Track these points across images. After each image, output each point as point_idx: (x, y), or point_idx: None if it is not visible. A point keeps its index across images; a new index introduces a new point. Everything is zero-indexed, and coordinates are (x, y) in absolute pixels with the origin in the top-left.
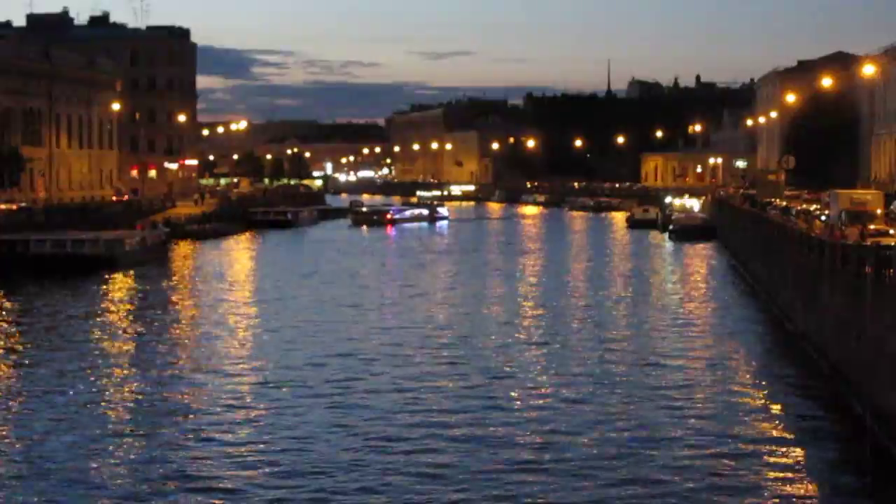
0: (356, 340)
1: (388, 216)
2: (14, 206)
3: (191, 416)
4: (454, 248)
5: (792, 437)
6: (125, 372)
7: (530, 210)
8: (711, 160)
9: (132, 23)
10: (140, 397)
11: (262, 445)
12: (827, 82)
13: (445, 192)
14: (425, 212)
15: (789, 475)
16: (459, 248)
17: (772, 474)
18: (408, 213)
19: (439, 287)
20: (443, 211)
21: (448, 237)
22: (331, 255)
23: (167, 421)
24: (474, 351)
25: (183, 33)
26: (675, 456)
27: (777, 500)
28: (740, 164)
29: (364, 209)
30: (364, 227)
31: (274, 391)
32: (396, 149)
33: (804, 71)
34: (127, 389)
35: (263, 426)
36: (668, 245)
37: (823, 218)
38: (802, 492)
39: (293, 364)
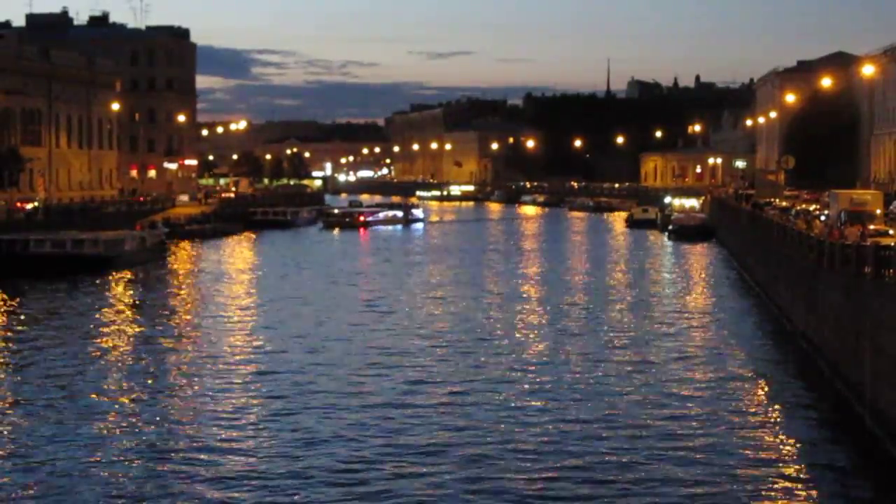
0: (352, 340)
1: (361, 218)
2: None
3: (189, 415)
4: (433, 251)
5: (791, 436)
6: (124, 372)
7: (530, 210)
8: (711, 160)
9: (132, 23)
10: (138, 397)
11: (260, 444)
12: (827, 82)
13: (445, 192)
14: (399, 214)
15: (788, 475)
16: (440, 252)
17: (771, 474)
18: (381, 215)
19: (430, 289)
20: (417, 213)
21: (428, 239)
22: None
23: (165, 420)
24: (474, 352)
25: (183, 33)
26: (672, 454)
27: (776, 501)
28: (740, 164)
29: (336, 211)
30: (335, 231)
31: (273, 390)
32: (396, 149)
33: (804, 71)
34: (126, 389)
35: (262, 424)
36: (668, 245)
37: (823, 218)
38: (801, 492)
39: (291, 363)
